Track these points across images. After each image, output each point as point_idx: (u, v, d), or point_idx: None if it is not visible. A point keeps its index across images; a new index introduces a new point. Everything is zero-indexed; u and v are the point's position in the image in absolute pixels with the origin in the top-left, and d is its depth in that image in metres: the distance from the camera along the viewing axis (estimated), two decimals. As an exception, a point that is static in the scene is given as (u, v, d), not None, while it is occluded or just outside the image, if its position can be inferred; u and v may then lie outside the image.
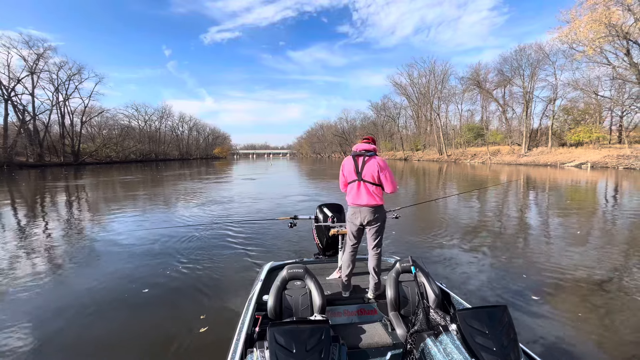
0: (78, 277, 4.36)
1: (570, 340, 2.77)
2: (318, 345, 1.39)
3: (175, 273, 4.35)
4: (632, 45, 23.46)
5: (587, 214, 8.37)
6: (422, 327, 1.75)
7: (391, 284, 2.32)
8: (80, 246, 5.80)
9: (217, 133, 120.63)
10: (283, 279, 2.19)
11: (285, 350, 1.36)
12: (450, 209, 9.17)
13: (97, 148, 52.36)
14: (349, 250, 2.72)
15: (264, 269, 2.97)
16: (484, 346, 1.42)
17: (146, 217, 8.40)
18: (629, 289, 3.75)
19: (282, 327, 1.44)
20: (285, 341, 1.38)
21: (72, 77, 45.80)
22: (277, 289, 2.15)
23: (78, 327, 3.04)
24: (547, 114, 39.72)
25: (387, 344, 2.03)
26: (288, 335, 1.40)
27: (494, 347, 1.41)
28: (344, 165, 2.75)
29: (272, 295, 2.12)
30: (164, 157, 75.34)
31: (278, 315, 2.09)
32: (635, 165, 23.24)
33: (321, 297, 2.11)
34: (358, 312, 2.48)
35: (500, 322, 1.50)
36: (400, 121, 71.50)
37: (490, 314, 1.53)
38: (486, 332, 1.46)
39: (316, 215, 3.53)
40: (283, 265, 2.74)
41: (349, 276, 2.66)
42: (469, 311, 1.58)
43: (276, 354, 1.34)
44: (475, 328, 1.48)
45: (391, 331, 2.16)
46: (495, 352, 1.39)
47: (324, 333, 1.45)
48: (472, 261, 4.79)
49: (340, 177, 2.81)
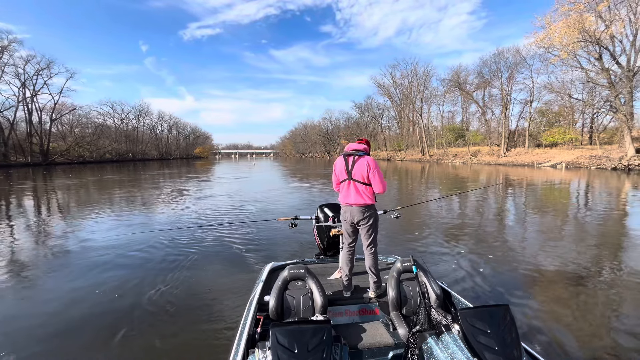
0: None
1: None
2: (320, 346, 1.40)
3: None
4: (603, 51, 24.51)
5: (570, 211, 8.48)
6: (424, 326, 1.75)
7: (392, 284, 2.29)
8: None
9: (198, 132, 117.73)
10: (284, 280, 2.19)
11: (287, 350, 1.36)
12: (444, 208, 9.10)
13: (68, 147, 49.64)
14: (346, 250, 2.74)
15: (265, 269, 2.95)
16: (486, 345, 1.41)
17: (126, 220, 7.76)
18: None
19: (283, 328, 1.44)
20: (287, 341, 1.38)
21: (41, 71, 43.22)
22: (278, 289, 2.14)
23: None
24: (524, 116, 41.19)
25: (389, 344, 2.02)
26: (290, 335, 1.40)
27: (496, 346, 1.40)
28: (335, 165, 2.73)
29: (274, 296, 2.11)
30: (142, 157, 72.61)
31: (279, 316, 2.08)
32: (607, 165, 24.30)
33: (322, 297, 2.11)
34: (359, 312, 2.46)
35: (502, 322, 1.50)
36: (384, 122, 72.35)
37: (492, 314, 1.53)
38: (488, 331, 1.46)
39: (317, 215, 3.53)
40: (284, 266, 2.76)
41: (350, 276, 2.65)
42: (470, 310, 1.58)
43: (278, 354, 1.35)
44: (477, 327, 1.48)
45: (393, 331, 2.14)
46: (498, 351, 1.39)
47: (326, 333, 1.45)
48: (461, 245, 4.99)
49: (332, 176, 2.78)
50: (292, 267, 2.23)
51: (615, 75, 24.82)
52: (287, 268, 2.24)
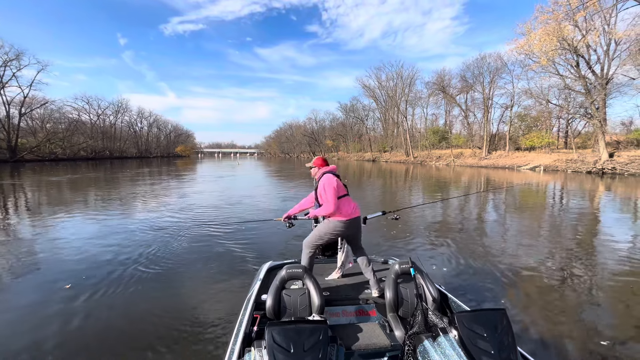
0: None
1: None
2: (316, 346, 1.40)
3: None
4: (580, 59, 25.50)
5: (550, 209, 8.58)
6: (420, 329, 1.75)
7: (390, 285, 2.30)
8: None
9: (179, 130, 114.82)
10: (282, 279, 2.19)
11: (283, 349, 1.36)
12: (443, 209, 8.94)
13: (39, 143, 46.95)
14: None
15: (262, 268, 2.93)
16: (482, 349, 1.41)
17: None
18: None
19: (280, 327, 1.44)
20: (283, 341, 1.39)
21: (9, 62, 40.64)
22: (275, 288, 2.15)
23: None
24: (504, 120, 42.40)
25: (385, 346, 2.00)
26: (286, 334, 1.41)
27: (492, 350, 1.41)
28: (331, 181, 2.71)
29: (271, 295, 2.11)
30: (120, 155, 69.86)
31: (276, 315, 2.08)
32: (582, 168, 25.27)
33: (320, 297, 2.12)
34: (356, 313, 2.46)
35: (499, 326, 1.50)
36: (369, 123, 72.82)
37: (488, 317, 1.54)
38: (485, 335, 1.46)
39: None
40: (282, 265, 2.79)
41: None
42: (467, 314, 1.58)
43: (274, 353, 1.35)
44: (474, 331, 1.48)
45: (389, 332, 2.13)
46: (493, 355, 1.39)
47: (322, 333, 1.46)
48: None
49: (331, 194, 2.66)
50: (290, 266, 2.24)
51: (591, 82, 25.88)
52: (285, 267, 2.24)
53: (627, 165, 22.82)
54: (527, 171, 28.70)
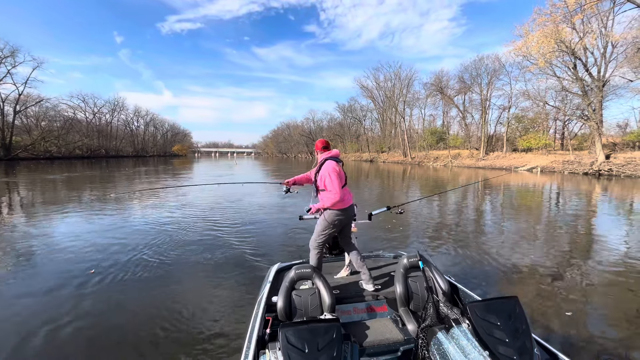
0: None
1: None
2: (330, 344, 1.40)
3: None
4: (577, 61, 25.66)
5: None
6: (433, 321, 1.74)
7: (399, 280, 2.29)
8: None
9: (176, 129, 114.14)
10: (291, 280, 2.19)
11: (297, 350, 1.36)
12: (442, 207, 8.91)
13: (33, 141, 46.47)
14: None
15: (271, 270, 2.91)
16: (497, 338, 1.41)
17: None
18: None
19: (293, 328, 1.44)
20: (297, 341, 1.39)
21: (4, 59, 40.21)
22: (285, 289, 2.14)
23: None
24: (502, 121, 42.58)
25: (399, 340, 2.00)
26: (300, 335, 1.41)
27: (506, 338, 1.40)
28: (334, 168, 2.66)
29: (281, 296, 2.11)
30: (116, 154, 69.34)
31: (288, 316, 2.08)
32: (579, 170, 25.44)
33: (330, 296, 2.11)
34: (367, 309, 2.45)
35: (512, 314, 1.49)
36: (366, 123, 72.87)
37: (501, 306, 1.53)
38: (498, 324, 1.45)
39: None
40: (291, 266, 2.80)
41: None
42: (479, 304, 1.57)
43: (289, 354, 1.35)
44: (487, 320, 1.47)
45: (402, 327, 2.13)
46: (508, 343, 1.38)
47: (335, 332, 1.45)
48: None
49: (336, 183, 2.61)
50: (299, 267, 2.23)
51: (588, 84, 26.06)
52: (293, 268, 2.24)
53: (624, 166, 23.00)
54: (525, 172, 28.84)
